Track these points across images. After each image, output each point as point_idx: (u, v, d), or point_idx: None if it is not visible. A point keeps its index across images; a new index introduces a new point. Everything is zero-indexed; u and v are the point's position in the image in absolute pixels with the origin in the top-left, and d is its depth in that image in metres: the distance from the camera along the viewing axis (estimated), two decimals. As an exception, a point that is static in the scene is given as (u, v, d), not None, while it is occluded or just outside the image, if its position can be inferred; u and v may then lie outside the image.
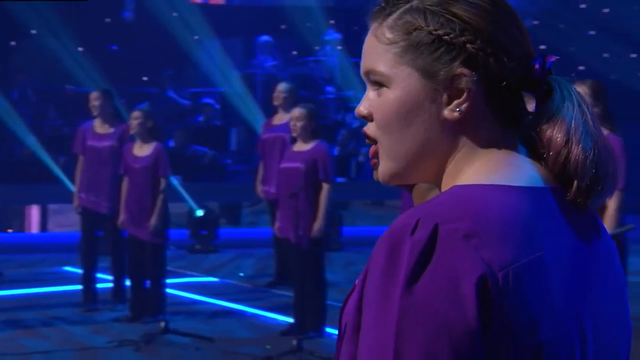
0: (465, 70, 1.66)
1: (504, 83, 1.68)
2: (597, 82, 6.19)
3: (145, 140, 9.71)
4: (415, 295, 1.56)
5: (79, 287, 10.66)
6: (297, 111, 8.97)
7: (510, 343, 1.59)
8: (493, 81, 1.68)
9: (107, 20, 18.49)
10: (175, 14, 17.15)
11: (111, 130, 10.30)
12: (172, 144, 14.45)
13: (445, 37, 1.66)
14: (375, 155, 1.75)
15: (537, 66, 1.70)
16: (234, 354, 8.56)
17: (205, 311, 10.25)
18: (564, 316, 1.62)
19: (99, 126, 10.34)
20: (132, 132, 9.77)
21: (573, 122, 1.71)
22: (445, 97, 1.68)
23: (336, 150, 14.99)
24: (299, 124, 8.82)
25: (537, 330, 1.60)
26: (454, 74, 1.67)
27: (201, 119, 16.17)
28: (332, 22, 17.56)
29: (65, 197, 13.40)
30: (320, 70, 16.86)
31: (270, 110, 14.06)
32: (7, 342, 8.97)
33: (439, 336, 1.56)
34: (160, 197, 9.65)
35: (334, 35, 17.05)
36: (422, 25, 1.68)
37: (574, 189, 1.68)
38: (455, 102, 1.68)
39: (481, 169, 1.70)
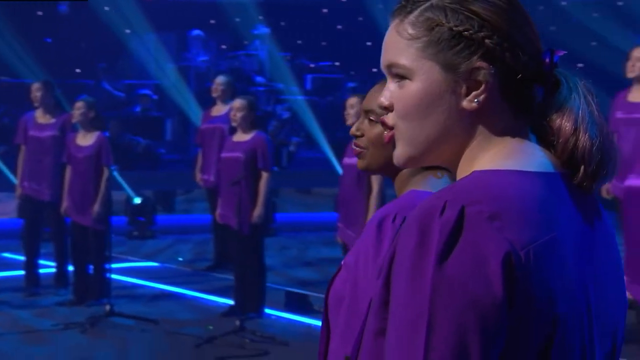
0: (483, 64, 1.71)
1: (519, 76, 1.73)
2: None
3: (88, 130, 9.69)
4: (446, 272, 1.60)
5: (21, 272, 10.60)
6: (237, 102, 9.01)
7: (532, 315, 1.64)
8: (508, 74, 1.73)
9: (41, 13, 18.29)
10: (107, 8, 17.05)
11: (52, 120, 10.24)
12: (107, 134, 14.34)
13: (466, 33, 1.71)
14: (391, 140, 1.83)
15: (547, 60, 1.76)
16: (178, 334, 8.57)
17: (147, 294, 10.21)
18: (576, 292, 1.67)
19: (41, 116, 10.27)
20: (74, 121, 9.74)
21: (580, 112, 1.76)
22: (464, 88, 1.73)
23: (267, 140, 15.12)
24: (239, 115, 8.86)
25: (555, 303, 1.65)
26: (473, 67, 1.71)
27: (138, 109, 16.10)
28: (260, 17, 17.63)
29: (3, 186, 13.28)
30: (250, 63, 16.90)
31: (203, 102, 14.10)
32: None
33: (468, 310, 1.60)
34: (103, 185, 9.64)
35: (263, 30, 17.11)
36: (444, 22, 1.72)
37: (581, 173, 1.74)
38: (474, 93, 1.72)
39: (496, 155, 1.75)
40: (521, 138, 1.76)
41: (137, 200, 13.22)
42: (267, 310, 8.95)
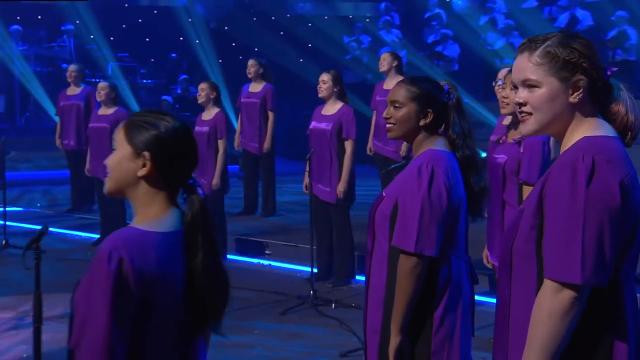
0: (582, 77, 2.18)
1: (600, 84, 2.19)
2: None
3: None
4: (591, 192, 2.09)
5: None
6: (102, 84, 9.25)
7: (629, 215, 2.13)
8: (592, 82, 2.19)
9: None
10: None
11: None
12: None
13: (573, 60, 2.18)
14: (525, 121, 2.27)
15: (608, 73, 2.21)
16: (66, 260, 8.49)
17: (22, 232, 9.83)
18: None
19: None
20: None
21: (628, 102, 2.25)
22: (570, 91, 2.19)
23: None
24: (103, 92, 9.10)
25: (638, 207, 2.16)
26: (577, 79, 2.18)
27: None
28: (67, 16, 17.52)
29: None
30: (62, 52, 16.73)
31: (31, 81, 14.02)
32: None
33: (604, 212, 2.09)
34: None
35: (69, 27, 17.02)
36: (559, 55, 2.19)
37: (629, 137, 2.24)
38: (576, 93, 2.19)
39: (589, 128, 2.21)
40: (597, 118, 2.23)
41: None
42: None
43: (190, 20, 18.35)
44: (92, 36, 17.85)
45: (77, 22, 17.72)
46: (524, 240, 2.19)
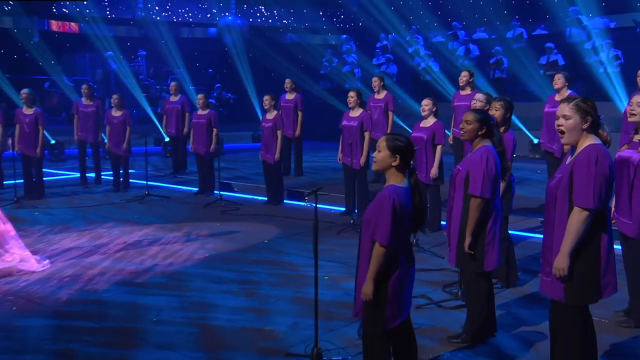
0: (589, 117, 2.75)
1: (596, 120, 2.75)
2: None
3: (119, 108, 9.90)
4: (598, 168, 2.65)
5: (77, 175, 10.51)
6: (200, 95, 9.62)
7: (611, 180, 2.67)
8: (593, 119, 2.76)
9: None
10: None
11: (91, 103, 10.14)
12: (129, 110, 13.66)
13: (586, 110, 2.76)
14: (563, 135, 2.77)
15: (601, 117, 2.67)
16: (187, 203, 8.72)
17: (145, 187, 9.90)
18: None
19: (85, 100, 10.01)
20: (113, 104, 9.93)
21: (607, 130, 2.82)
22: (583, 122, 2.74)
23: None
24: (201, 101, 9.48)
25: (613, 178, 2.73)
26: (587, 117, 2.74)
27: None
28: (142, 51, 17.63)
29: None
30: (140, 68, 17.03)
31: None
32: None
33: (603, 178, 2.65)
34: (128, 133, 9.83)
35: (142, 52, 17.30)
36: (581, 106, 2.76)
37: (607, 147, 2.75)
38: (586, 124, 2.75)
39: (591, 140, 2.72)
40: (594, 135, 2.78)
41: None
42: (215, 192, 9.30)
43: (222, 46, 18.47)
44: (141, 56, 17.94)
45: (141, 47, 17.86)
46: (563, 190, 2.80)
